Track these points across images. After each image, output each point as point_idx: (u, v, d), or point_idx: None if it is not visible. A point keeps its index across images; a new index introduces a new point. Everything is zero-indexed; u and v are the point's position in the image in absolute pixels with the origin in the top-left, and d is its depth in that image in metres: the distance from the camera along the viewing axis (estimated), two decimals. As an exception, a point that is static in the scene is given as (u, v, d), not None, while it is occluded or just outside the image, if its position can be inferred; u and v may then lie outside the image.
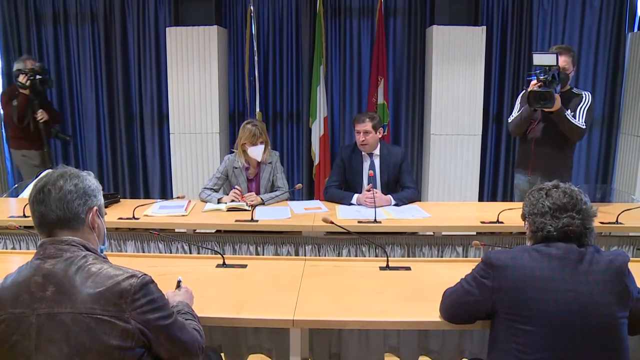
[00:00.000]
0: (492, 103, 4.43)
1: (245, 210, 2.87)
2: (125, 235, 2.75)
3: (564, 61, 2.82)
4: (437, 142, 4.18)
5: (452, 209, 3.08)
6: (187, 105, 4.22)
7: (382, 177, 3.17)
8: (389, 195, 3.02)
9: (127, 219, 2.71)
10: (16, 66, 3.89)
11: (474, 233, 2.78)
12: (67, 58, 4.56)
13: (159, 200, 3.22)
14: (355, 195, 3.03)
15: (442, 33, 4.06)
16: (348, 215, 2.79)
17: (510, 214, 2.65)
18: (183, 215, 2.79)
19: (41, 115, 3.77)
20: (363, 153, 3.19)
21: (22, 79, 3.69)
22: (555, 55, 2.70)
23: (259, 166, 3.17)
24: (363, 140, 3.09)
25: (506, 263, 1.42)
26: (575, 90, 2.93)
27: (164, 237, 2.69)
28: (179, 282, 1.65)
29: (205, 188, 3.16)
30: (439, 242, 2.68)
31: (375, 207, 2.75)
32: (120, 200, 3.16)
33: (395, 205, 2.98)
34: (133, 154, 4.69)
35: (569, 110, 2.82)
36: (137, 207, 2.78)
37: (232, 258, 2.19)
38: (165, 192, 4.67)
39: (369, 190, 2.95)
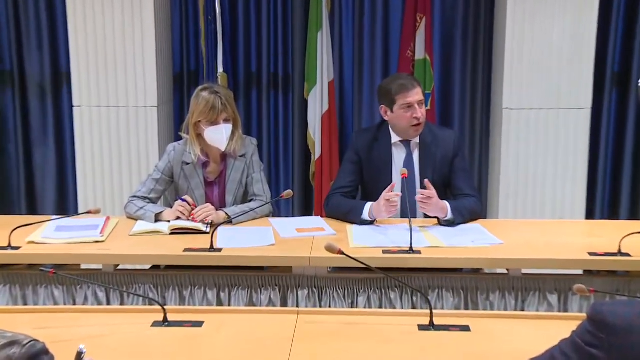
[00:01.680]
0: (610, 57, 4.41)
1: (201, 232, 2.89)
2: (-4, 275, 2.77)
3: None
4: (514, 122, 4.19)
5: (539, 231, 3.09)
6: (102, 62, 4.23)
7: (423, 178, 3.14)
8: (446, 202, 3.01)
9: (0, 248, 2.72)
10: None
11: (580, 272, 2.80)
12: None
13: (54, 216, 3.22)
14: (368, 205, 3.02)
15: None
16: (367, 240, 2.80)
17: (640, 241, 2.67)
18: (97, 242, 2.81)
19: None
20: (394, 141, 3.20)
21: None
22: None
23: (225, 161, 3.20)
24: (419, 119, 3.11)
25: (631, 323, 1.41)
26: None
27: (63, 279, 2.70)
28: (80, 353, 1.65)
29: (134, 197, 3.18)
30: (517, 286, 2.69)
31: (411, 228, 2.71)
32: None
33: (447, 221, 2.98)
34: (7, 140, 4.69)
35: None
36: (17, 228, 2.77)
37: (178, 311, 2.21)
38: (66, 204, 4.70)
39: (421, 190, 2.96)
